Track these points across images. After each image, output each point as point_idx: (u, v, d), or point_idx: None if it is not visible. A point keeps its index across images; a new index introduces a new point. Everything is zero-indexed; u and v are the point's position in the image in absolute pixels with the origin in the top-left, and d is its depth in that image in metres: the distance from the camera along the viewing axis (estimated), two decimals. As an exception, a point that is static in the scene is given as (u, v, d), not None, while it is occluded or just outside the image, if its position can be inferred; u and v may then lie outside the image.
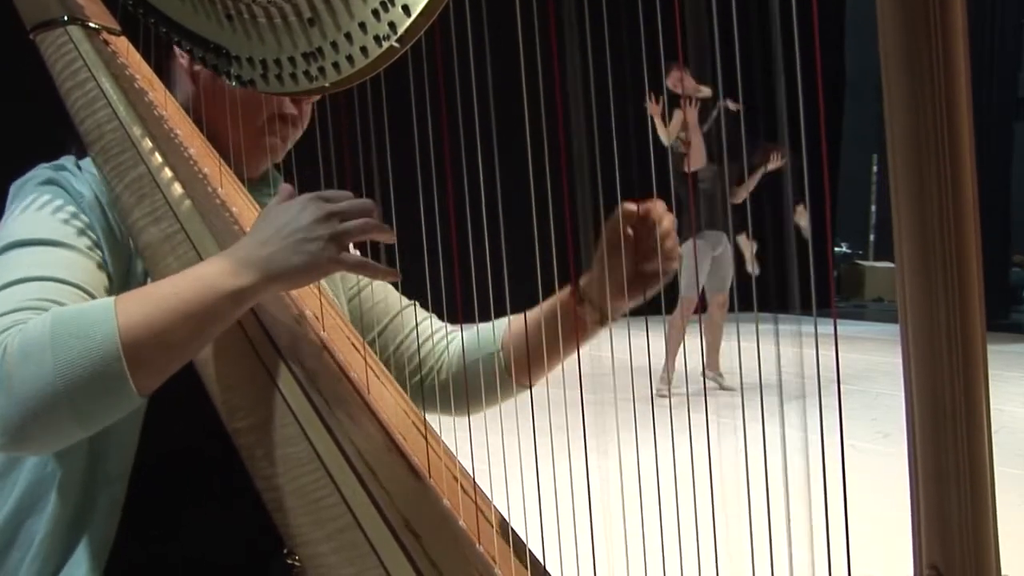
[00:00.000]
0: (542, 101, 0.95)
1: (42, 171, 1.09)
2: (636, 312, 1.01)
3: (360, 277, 1.30)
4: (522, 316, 1.22)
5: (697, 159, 5.95)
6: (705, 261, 6.07)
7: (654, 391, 5.70)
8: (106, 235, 1.05)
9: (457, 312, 1.05)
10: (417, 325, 1.30)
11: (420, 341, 1.29)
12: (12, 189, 1.09)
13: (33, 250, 0.99)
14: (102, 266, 1.03)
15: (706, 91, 5.89)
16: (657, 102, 5.44)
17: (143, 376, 0.88)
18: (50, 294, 0.94)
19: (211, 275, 0.92)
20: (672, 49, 0.87)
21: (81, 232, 1.03)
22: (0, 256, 0.98)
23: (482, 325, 1.28)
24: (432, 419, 1.14)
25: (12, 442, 0.87)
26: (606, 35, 1.05)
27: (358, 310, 1.28)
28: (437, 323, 1.33)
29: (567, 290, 1.16)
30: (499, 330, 1.25)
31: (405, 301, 1.32)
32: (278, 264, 0.93)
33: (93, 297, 0.98)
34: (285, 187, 1.01)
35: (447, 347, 1.30)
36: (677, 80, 5.62)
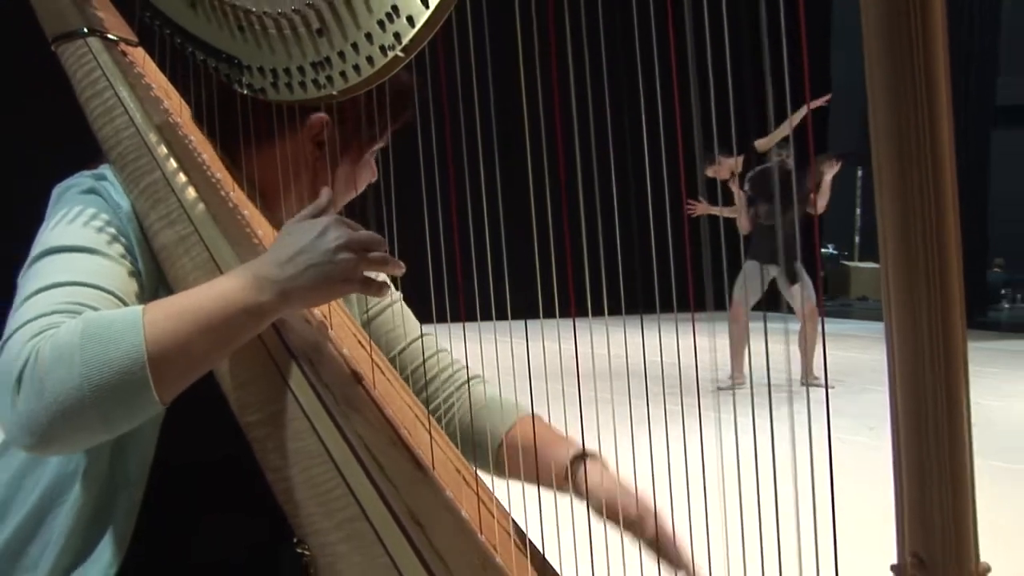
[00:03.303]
0: (541, 109, 0.98)
1: (84, 180, 1.11)
2: (632, 312, 1.03)
3: (375, 301, 1.32)
4: (532, 426, 1.21)
5: (744, 224, 6.19)
6: (755, 281, 6.12)
7: (716, 385, 5.68)
8: (140, 246, 1.07)
9: (460, 313, 1.08)
10: (425, 360, 1.31)
11: (428, 377, 1.30)
12: (54, 194, 1.11)
13: (68, 256, 1.01)
14: (135, 275, 1.05)
15: (730, 163, 6.09)
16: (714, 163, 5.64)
17: (165, 385, 0.91)
18: (83, 298, 0.97)
19: (233, 291, 0.95)
20: (666, 54, 0.89)
21: (116, 241, 1.05)
22: (38, 262, 1.01)
23: (506, 401, 1.27)
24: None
25: (40, 443, 0.90)
26: (601, 42, 1.07)
27: (377, 332, 1.30)
28: (447, 359, 1.33)
29: (570, 460, 1.16)
30: (508, 420, 1.25)
31: (418, 331, 1.33)
32: (298, 284, 0.96)
33: (125, 303, 1.01)
34: (325, 191, 1.05)
35: (458, 398, 1.29)
36: (716, 169, 5.84)
